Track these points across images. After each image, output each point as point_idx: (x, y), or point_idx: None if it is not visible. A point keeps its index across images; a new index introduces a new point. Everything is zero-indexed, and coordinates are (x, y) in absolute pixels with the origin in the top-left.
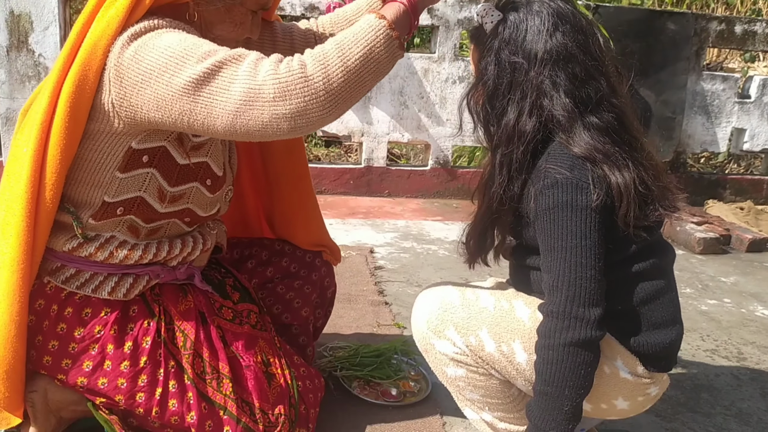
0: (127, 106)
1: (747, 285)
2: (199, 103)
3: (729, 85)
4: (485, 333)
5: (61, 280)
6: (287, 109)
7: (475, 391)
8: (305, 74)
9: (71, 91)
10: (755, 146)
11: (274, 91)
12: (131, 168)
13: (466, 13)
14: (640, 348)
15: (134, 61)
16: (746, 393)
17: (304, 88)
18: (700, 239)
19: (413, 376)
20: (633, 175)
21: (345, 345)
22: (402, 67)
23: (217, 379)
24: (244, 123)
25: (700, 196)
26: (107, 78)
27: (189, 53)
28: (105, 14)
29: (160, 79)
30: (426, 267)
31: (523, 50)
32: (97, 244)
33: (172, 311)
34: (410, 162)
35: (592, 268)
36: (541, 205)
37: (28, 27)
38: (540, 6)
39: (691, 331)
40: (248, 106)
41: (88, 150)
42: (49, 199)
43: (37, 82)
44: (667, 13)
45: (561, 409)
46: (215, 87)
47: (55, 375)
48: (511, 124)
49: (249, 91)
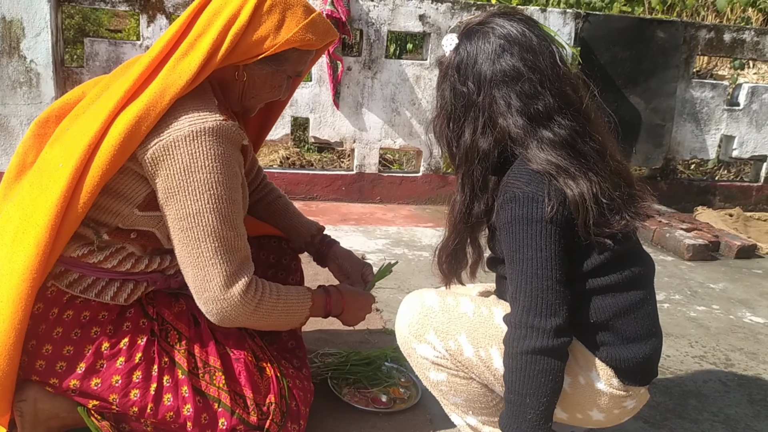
0: (151, 171)
1: (735, 291)
2: (187, 235)
3: (718, 92)
4: (464, 338)
5: (65, 284)
6: (227, 313)
7: (458, 395)
8: (255, 309)
9: (130, 124)
10: (744, 153)
11: (231, 306)
12: (149, 209)
13: (458, 20)
14: (614, 362)
15: (187, 161)
16: (734, 399)
17: (244, 314)
18: (690, 246)
19: (403, 383)
20: (590, 186)
21: (335, 352)
22: (394, 74)
23: (209, 373)
24: (190, 279)
25: (690, 202)
26: (156, 141)
27: (222, 204)
28: (177, 65)
29: (188, 193)
30: (417, 273)
31: (473, 74)
32: (107, 252)
33: (165, 313)
34: (403, 167)
35: (549, 279)
36: (501, 219)
37: (19, 33)
38: (491, 31)
39: (680, 337)
40: (200, 282)
41: (115, 182)
42: (76, 218)
43: (28, 88)
44: (656, 22)
45: (525, 417)
46: (206, 256)
47: (47, 380)
48: (468, 144)
49: (215, 295)
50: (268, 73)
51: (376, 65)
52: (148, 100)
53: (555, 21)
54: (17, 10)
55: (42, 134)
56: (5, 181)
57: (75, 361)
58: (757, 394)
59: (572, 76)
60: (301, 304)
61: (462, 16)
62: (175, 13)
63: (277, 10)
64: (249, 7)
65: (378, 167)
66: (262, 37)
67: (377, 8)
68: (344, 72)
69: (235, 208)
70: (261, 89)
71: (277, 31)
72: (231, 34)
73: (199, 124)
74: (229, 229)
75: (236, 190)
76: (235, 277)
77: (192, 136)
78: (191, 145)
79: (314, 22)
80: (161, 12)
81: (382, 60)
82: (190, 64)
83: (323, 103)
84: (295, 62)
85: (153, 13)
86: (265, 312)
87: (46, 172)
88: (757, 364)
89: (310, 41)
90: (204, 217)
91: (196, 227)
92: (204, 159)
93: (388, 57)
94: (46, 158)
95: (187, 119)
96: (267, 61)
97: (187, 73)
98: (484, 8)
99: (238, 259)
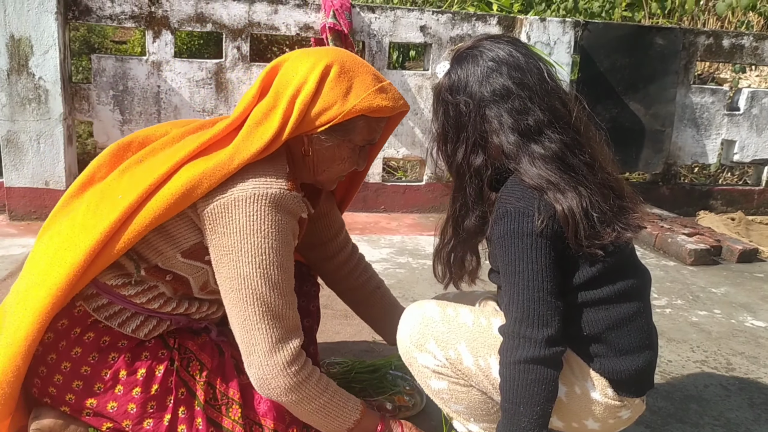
0: (209, 226)
1: (737, 296)
2: (236, 296)
3: (718, 97)
4: (464, 347)
5: (93, 307)
6: (271, 384)
7: (459, 403)
8: (299, 387)
9: (193, 178)
10: (745, 157)
11: (273, 376)
12: (192, 257)
13: (459, 31)
14: (607, 373)
15: (243, 223)
16: (735, 403)
17: (287, 389)
18: (691, 250)
19: (408, 391)
20: (580, 200)
21: (341, 361)
22: (396, 85)
23: (226, 405)
24: (240, 340)
25: (692, 207)
26: (219, 198)
27: (273, 271)
28: (250, 135)
29: (241, 254)
30: (421, 282)
31: (465, 95)
32: (140, 288)
33: (189, 344)
34: (407, 174)
35: (540, 290)
36: (495, 233)
37: (28, 51)
38: (480, 55)
39: (681, 342)
40: (247, 344)
41: (170, 223)
42: (119, 251)
43: (37, 104)
44: (655, 29)
45: (519, 425)
46: (252, 320)
47: (64, 396)
48: (460, 162)
49: (261, 360)
50: (335, 144)
51: None
52: (217, 161)
53: (554, 30)
54: (26, 28)
55: (119, 156)
56: (72, 189)
57: (92, 382)
58: (758, 398)
59: (561, 91)
60: (346, 411)
61: (462, 26)
62: (180, 29)
63: (345, 78)
64: (316, 75)
65: (382, 176)
66: (329, 105)
67: (379, 20)
68: None
69: (285, 276)
70: (330, 162)
71: (345, 98)
72: (299, 104)
73: (262, 189)
74: (278, 296)
75: (288, 258)
76: (282, 344)
77: (253, 198)
78: (250, 208)
79: (384, 88)
80: (166, 28)
81: (385, 71)
82: (262, 136)
83: None
84: (363, 131)
85: (158, 29)
86: (306, 396)
87: (106, 198)
88: (758, 368)
89: (379, 108)
90: (253, 280)
91: (244, 289)
92: (260, 223)
93: (390, 67)
94: (111, 185)
95: (253, 182)
96: (333, 131)
97: (257, 144)
98: (484, 18)
99: (285, 327)
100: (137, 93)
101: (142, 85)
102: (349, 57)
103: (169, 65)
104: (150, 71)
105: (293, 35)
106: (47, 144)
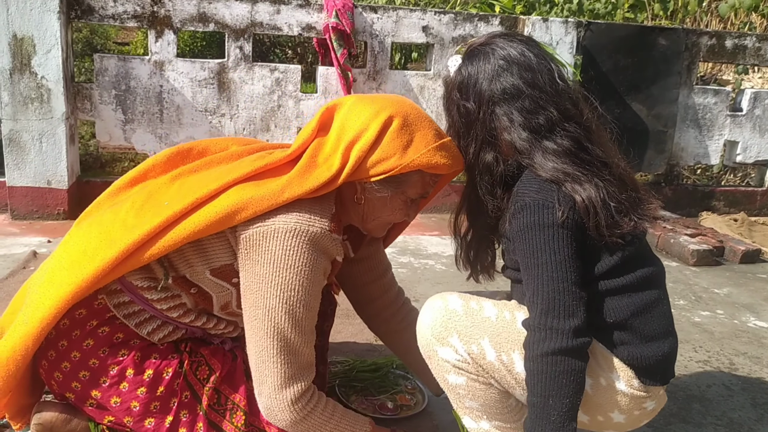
0: (242, 251)
1: (740, 296)
2: (259, 324)
3: (721, 98)
4: (487, 342)
5: (114, 303)
6: (277, 418)
7: (474, 400)
8: (304, 419)
9: (240, 203)
10: (748, 158)
11: (280, 409)
12: (221, 277)
13: (461, 31)
14: (634, 361)
15: (278, 256)
16: (737, 403)
17: (292, 422)
18: (694, 251)
19: (409, 390)
20: (597, 190)
21: (343, 359)
22: (398, 85)
23: (230, 411)
24: (254, 369)
25: (694, 208)
26: (259, 227)
27: (296, 308)
28: (307, 170)
29: (271, 287)
30: (423, 282)
31: (474, 93)
32: (164, 295)
33: (200, 349)
34: None
35: (564, 281)
36: (514, 227)
37: (30, 50)
38: (492, 53)
39: (684, 342)
40: (260, 374)
41: (206, 239)
42: (150, 256)
43: (39, 104)
44: (658, 29)
45: (548, 418)
46: (269, 352)
47: (69, 383)
48: (472, 158)
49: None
50: (388, 195)
51: (380, 76)
52: (267, 190)
53: (557, 30)
54: (28, 28)
55: (175, 162)
56: (122, 180)
57: (98, 375)
58: (761, 397)
59: (571, 91)
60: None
61: (465, 26)
62: (183, 29)
63: (406, 131)
64: (377, 124)
65: None
66: (387, 156)
67: (381, 20)
68: (353, 82)
69: (309, 314)
70: (381, 212)
71: (404, 151)
72: (357, 151)
73: (305, 225)
74: (298, 333)
75: (315, 298)
76: (292, 381)
77: (293, 233)
78: (288, 242)
79: (444, 145)
80: (169, 27)
81: (387, 71)
82: (318, 177)
83: None
84: (417, 185)
85: (161, 29)
86: (311, 426)
87: (152, 201)
88: (761, 368)
89: (437, 164)
90: (277, 314)
91: (267, 321)
92: (295, 259)
93: (392, 68)
94: (161, 188)
95: (297, 216)
96: (388, 182)
97: (312, 183)
98: (487, 18)
99: (299, 364)
100: (140, 93)
101: (145, 85)
102: (413, 110)
103: (171, 65)
104: (152, 71)
105: (296, 35)
106: (49, 143)
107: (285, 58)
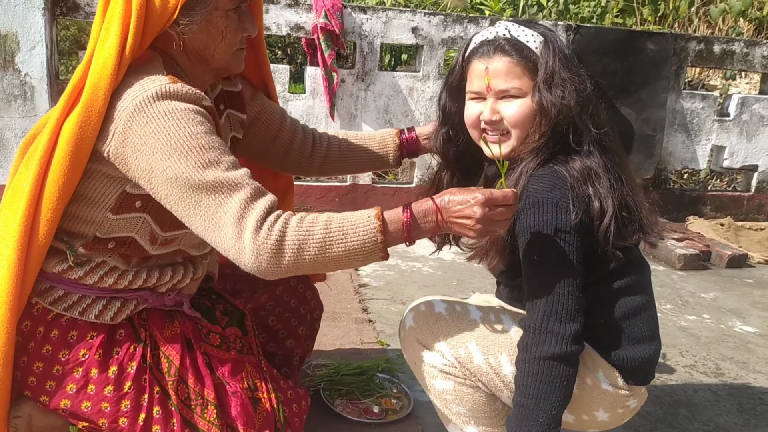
0: (122, 162)
1: (726, 301)
2: (184, 203)
3: (708, 103)
4: (474, 345)
5: (49, 301)
6: (254, 264)
7: (462, 405)
8: (281, 247)
9: (73, 132)
10: (735, 163)
11: (249, 254)
12: (124, 211)
13: (451, 33)
14: (620, 362)
15: (144, 132)
16: (724, 408)
17: (273, 258)
18: (681, 255)
19: (395, 394)
20: (615, 196)
21: (328, 363)
22: (387, 86)
23: (201, 406)
24: (215, 244)
25: (682, 212)
26: (112, 129)
27: (194, 152)
28: (101, 53)
29: (160, 160)
30: (410, 284)
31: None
32: (87, 268)
33: (157, 336)
34: (397, 176)
35: (569, 285)
36: (522, 223)
37: (14, 47)
38: (552, 35)
39: (671, 346)
40: (220, 241)
41: (83, 187)
42: (43, 235)
43: (23, 101)
44: (647, 34)
45: (537, 420)
46: (208, 211)
47: (38, 397)
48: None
49: (233, 245)
50: (202, 24)
51: (369, 77)
52: (84, 104)
53: None
54: (12, 24)
55: (25, 149)
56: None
57: (64, 382)
58: (747, 403)
59: (597, 87)
60: (359, 229)
61: (454, 28)
62: None
63: None
64: None
65: (372, 177)
66: None
67: (370, 21)
68: (338, 84)
69: (217, 152)
70: (212, 41)
71: None
72: (135, 3)
73: (141, 95)
74: (220, 170)
75: (209, 137)
76: (244, 216)
77: (139, 108)
78: (141, 117)
79: None
80: None
81: (376, 72)
82: (109, 51)
83: (317, 115)
84: None
85: None
86: (298, 247)
87: (17, 192)
88: (747, 373)
89: None
90: (187, 175)
91: (182, 186)
92: (159, 122)
93: (382, 69)
94: (19, 178)
95: (130, 95)
96: (189, 8)
97: (109, 62)
98: (476, 21)
99: (241, 198)
100: None
101: None
102: None
103: None
104: None
105: (284, 35)
106: None
107: (274, 58)
